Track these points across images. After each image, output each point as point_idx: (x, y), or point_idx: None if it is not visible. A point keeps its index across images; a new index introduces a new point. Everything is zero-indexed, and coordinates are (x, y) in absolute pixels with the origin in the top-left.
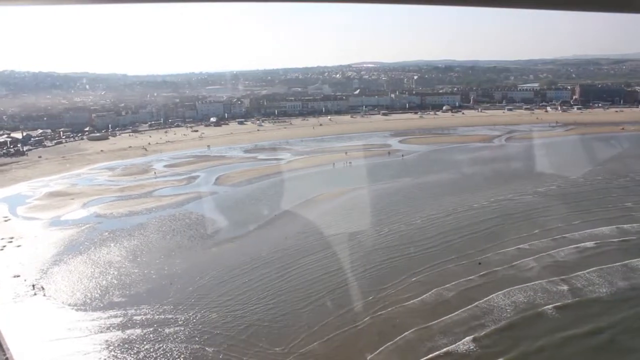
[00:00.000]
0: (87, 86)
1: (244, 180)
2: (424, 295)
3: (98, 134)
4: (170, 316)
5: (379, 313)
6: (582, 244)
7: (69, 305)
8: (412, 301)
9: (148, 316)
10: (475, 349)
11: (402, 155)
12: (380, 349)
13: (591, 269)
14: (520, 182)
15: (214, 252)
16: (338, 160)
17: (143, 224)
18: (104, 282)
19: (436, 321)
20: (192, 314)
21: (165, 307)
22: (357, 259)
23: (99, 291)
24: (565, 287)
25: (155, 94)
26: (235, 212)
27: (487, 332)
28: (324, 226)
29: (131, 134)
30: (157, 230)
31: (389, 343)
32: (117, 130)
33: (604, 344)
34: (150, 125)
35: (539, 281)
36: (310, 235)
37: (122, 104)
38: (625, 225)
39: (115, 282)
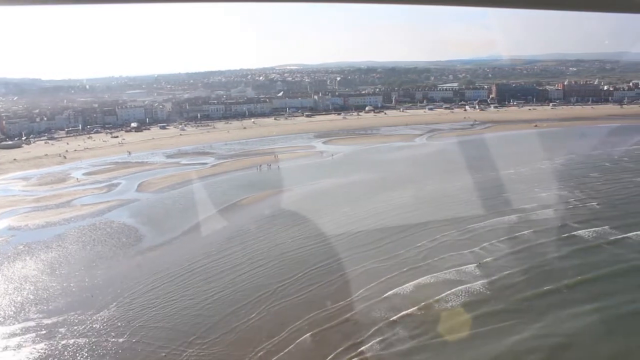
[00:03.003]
0: None
1: (166, 186)
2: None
3: (10, 142)
4: (90, 329)
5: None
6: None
7: None
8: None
9: (66, 330)
10: None
11: (329, 156)
12: None
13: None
14: (440, 178)
15: (136, 261)
16: (262, 163)
17: (61, 234)
18: (19, 298)
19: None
20: (113, 327)
21: (84, 320)
22: (285, 260)
23: (12, 308)
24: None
25: (72, 99)
26: (159, 219)
27: None
28: (247, 230)
29: (47, 141)
30: (76, 241)
31: None
32: (32, 138)
33: None
34: (68, 132)
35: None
36: (234, 238)
37: (37, 110)
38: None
39: (32, 297)
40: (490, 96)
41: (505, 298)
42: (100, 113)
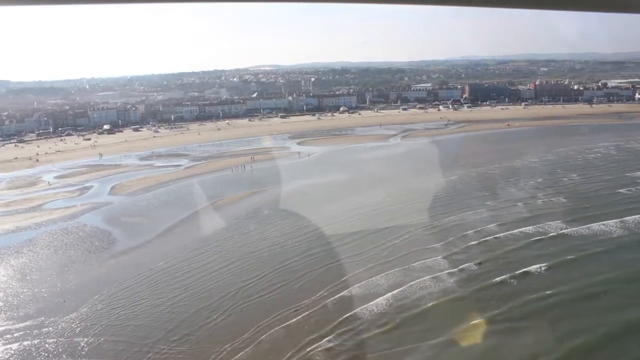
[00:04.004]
0: None
1: (140, 189)
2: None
3: None
4: (59, 331)
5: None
6: None
7: None
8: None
9: (36, 334)
10: None
11: (304, 157)
12: None
13: None
14: (412, 179)
15: (110, 265)
16: (238, 164)
17: (32, 239)
18: None
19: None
20: (82, 328)
21: (56, 325)
22: (255, 259)
23: None
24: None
25: (42, 101)
26: (132, 222)
27: None
28: (219, 231)
29: (17, 144)
30: (48, 246)
31: None
32: (1, 141)
33: None
34: (39, 135)
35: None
36: (207, 240)
37: (6, 113)
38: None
39: (1, 304)
40: (464, 96)
41: (467, 287)
42: (71, 115)
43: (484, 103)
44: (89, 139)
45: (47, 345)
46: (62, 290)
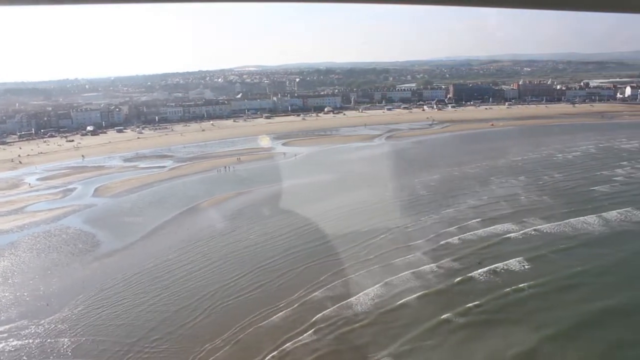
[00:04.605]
0: None
1: (124, 191)
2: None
3: None
4: (45, 337)
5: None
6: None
7: None
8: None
9: (20, 339)
10: None
11: (289, 158)
12: None
13: None
14: (396, 179)
15: (93, 268)
16: (222, 165)
17: (14, 242)
18: None
19: None
20: (68, 333)
21: (39, 328)
22: (236, 259)
23: None
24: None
25: (24, 102)
26: (116, 224)
27: None
28: (205, 232)
29: None
30: (30, 249)
31: None
32: None
33: None
34: (21, 136)
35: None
36: (192, 241)
37: None
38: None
39: None
40: (448, 96)
41: (446, 281)
42: (54, 116)
43: (468, 103)
44: (72, 141)
45: (29, 348)
46: (45, 293)
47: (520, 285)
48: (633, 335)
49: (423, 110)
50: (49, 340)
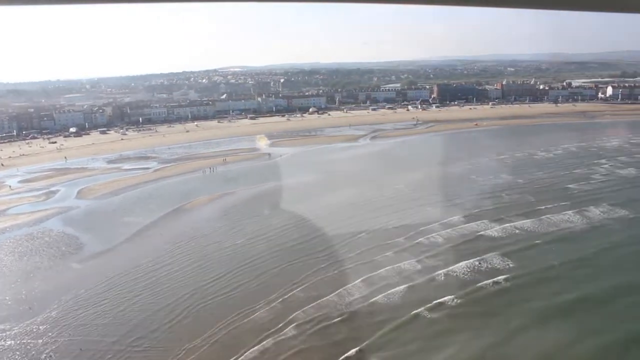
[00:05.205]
0: None
1: (108, 193)
2: None
3: None
4: (27, 338)
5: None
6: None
7: None
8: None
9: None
10: None
11: (273, 159)
12: None
13: None
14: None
15: (76, 270)
16: (207, 166)
17: None
18: None
19: None
20: (49, 334)
21: (21, 330)
22: (217, 260)
23: None
24: None
25: (5, 104)
26: (100, 226)
27: None
28: (188, 233)
29: None
30: (12, 252)
31: None
32: None
33: None
34: (2, 138)
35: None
36: (176, 242)
37: None
38: None
39: None
40: (432, 96)
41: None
42: (36, 118)
43: (453, 103)
44: (55, 142)
45: (10, 351)
46: (28, 297)
47: (497, 279)
48: (602, 324)
49: (407, 110)
50: (31, 342)
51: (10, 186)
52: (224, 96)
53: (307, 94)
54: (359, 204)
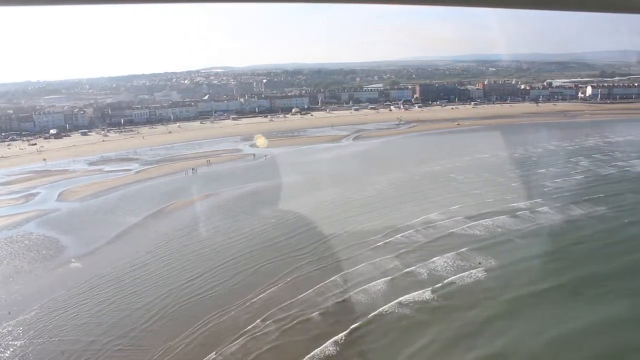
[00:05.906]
0: None
1: (89, 195)
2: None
3: None
4: (6, 343)
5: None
6: None
7: None
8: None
9: None
10: None
11: (256, 159)
12: None
13: None
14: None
15: (58, 274)
16: (189, 167)
17: None
18: None
19: None
20: (29, 336)
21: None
22: (198, 261)
23: None
24: None
25: None
26: (82, 229)
27: None
28: (173, 235)
29: None
30: None
31: None
32: None
33: None
34: None
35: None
36: (157, 244)
37: None
38: None
39: None
40: (415, 96)
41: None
42: (15, 120)
43: (435, 103)
44: (35, 144)
45: None
46: (7, 302)
47: (472, 272)
48: (571, 310)
49: (390, 110)
50: (10, 343)
51: None
52: (206, 97)
53: (289, 94)
54: (340, 203)
